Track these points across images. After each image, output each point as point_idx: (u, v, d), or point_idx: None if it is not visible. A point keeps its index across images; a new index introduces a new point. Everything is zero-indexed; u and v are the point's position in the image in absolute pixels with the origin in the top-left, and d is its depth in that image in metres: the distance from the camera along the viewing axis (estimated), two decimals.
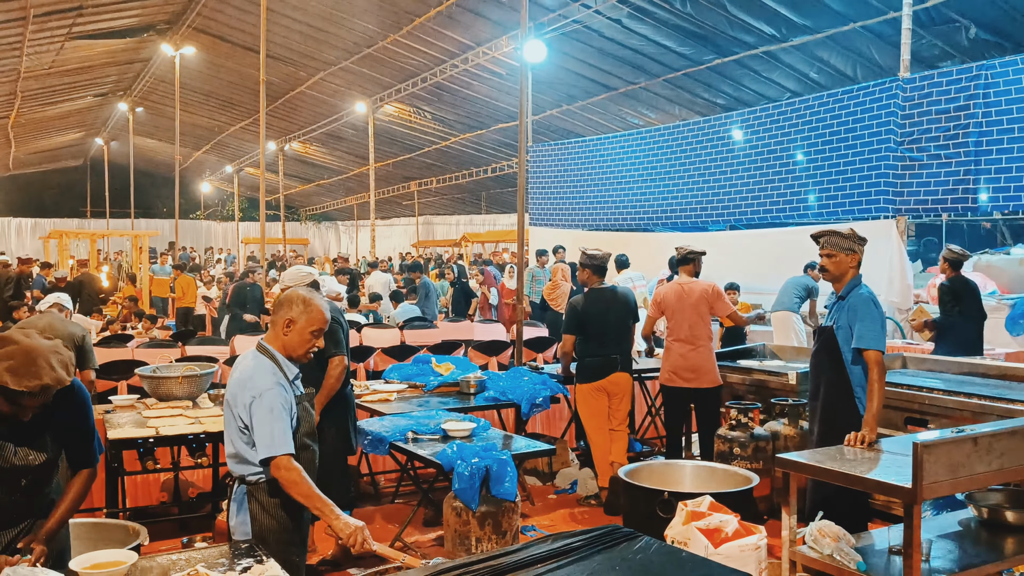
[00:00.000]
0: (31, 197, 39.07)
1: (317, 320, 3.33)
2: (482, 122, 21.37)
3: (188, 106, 22.88)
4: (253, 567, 2.98)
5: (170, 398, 6.05)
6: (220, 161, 34.11)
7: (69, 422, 3.02)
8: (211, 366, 6.39)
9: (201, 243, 37.52)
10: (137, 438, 4.92)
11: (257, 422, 3.20)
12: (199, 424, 5.20)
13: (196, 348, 9.17)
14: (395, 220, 34.52)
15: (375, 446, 5.13)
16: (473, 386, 6.42)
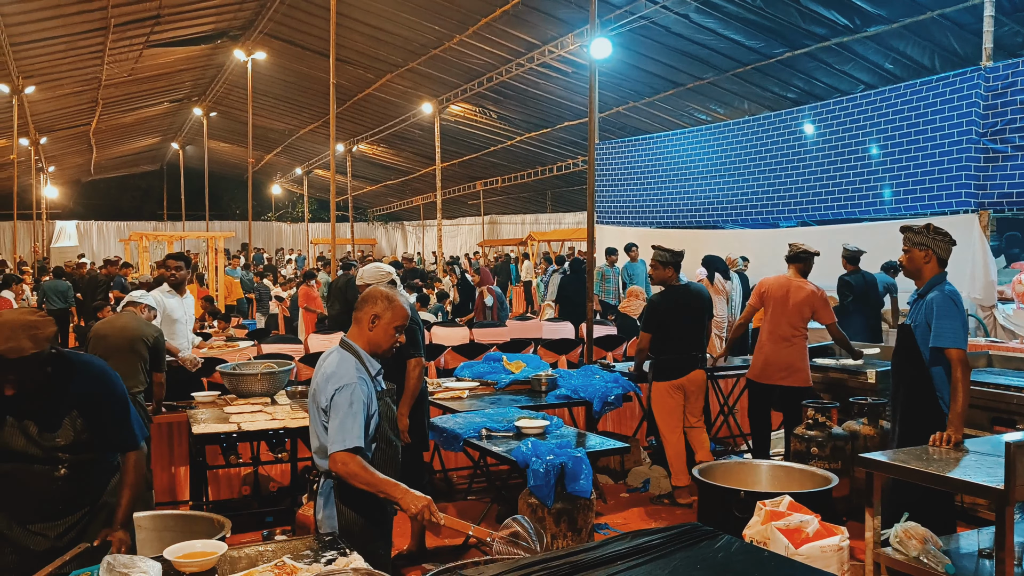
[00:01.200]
0: (111, 201, 40.48)
1: (400, 316, 3.40)
2: (548, 120, 21.37)
3: (259, 110, 23.42)
4: (338, 559, 3.04)
5: (250, 394, 6.20)
6: (290, 163, 34.80)
7: (90, 400, 2.97)
8: (288, 363, 6.53)
9: (272, 244, 38.36)
10: (220, 433, 5.06)
11: (334, 415, 3.26)
12: (278, 420, 5.32)
13: (271, 346, 9.38)
14: (461, 220, 34.75)
15: (449, 443, 5.18)
16: (544, 384, 6.44)
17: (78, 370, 2.96)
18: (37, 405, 2.87)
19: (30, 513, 2.93)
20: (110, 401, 3.04)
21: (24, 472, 2.88)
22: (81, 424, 2.94)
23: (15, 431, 2.85)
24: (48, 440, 2.89)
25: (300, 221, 38.86)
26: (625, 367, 7.21)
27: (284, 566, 3.00)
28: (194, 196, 32.56)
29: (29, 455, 2.87)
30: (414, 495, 3.17)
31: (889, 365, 4.85)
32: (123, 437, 3.10)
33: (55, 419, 2.90)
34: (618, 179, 14.82)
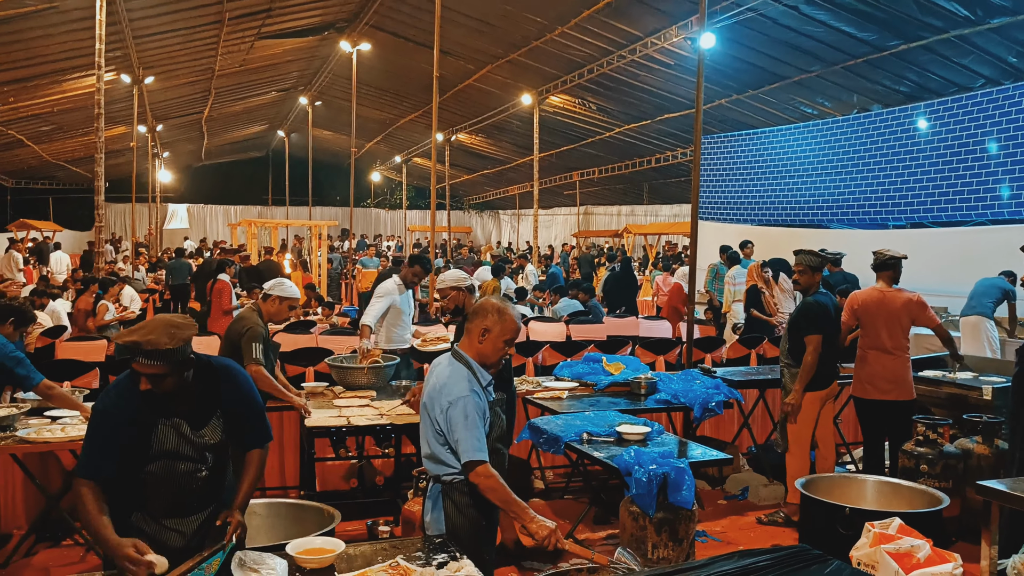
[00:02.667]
0: (219, 185, 42.09)
1: (510, 330, 3.46)
2: (647, 112, 21.15)
3: (362, 99, 23.89)
4: (449, 563, 3.14)
5: (356, 387, 6.41)
6: (389, 151, 35.43)
7: (235, 403, 3.20)
8: (393, 358, 6.70)
9: (371, 230, 39.19)
10: (330, 427, 5.25)
11: (455, 428, 3.35)
12: (386, 416, 5.48)
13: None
14: (556, 210, 34.76)
15: (550, 444, 5.25)
16: (644, 387, 6.44)
17: (221, 375, 3.18)
18: (187, 407, 3.08)
19: (168, 509, 3.13)
20: (249, 403, 3.27)
21: (170, 470, 3.07)
22: (224, 425, 3.16)
23: (169, 431, 3.06)
24: (199, 439, 3.11)
25: (398, 208, 39.57)
26: (725, 371, 7.14)
27: (398, 567, 3.12)
28: (297, 182, 33.55)
29: (180, 454, 3.07)
30: (541, 521, 3.25)
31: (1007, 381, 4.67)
32: (255, 436, 3.32)
33: (203, 420, 3.12)
34: (720, 174, 14.60)
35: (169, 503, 3.12)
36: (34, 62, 16.50)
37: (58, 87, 19.14)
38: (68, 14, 14.15)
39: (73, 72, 18.12)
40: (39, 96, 19.44)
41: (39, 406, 5.71)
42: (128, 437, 2.99)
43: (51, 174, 33.14)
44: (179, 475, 3.09)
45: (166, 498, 3.11)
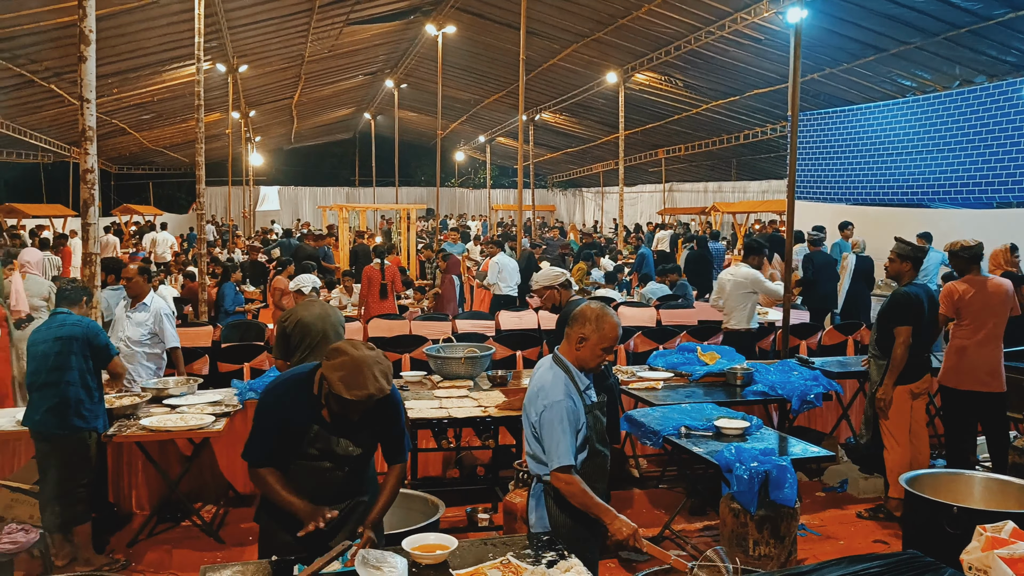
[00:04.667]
0: (308, 167, 43.15)
1: (608, 338, 3.48)
2: (736, 88, 20.72)
3: (447, 81, 24.08)
4: (559, 562, 3.23)
5: (453, 376, 6.55)
6: (473, 131, 35.63)
7: (384, 422, 3.42)
8: (489, 348, 6.82)
9: (455, 209, 39.57)
10: (432, 419, 5.40)
11: (546, 432, 3.45)
12: (485, 409, 5.60)
13: (465, 323, 9.77)
14: (641, 187, 34.42)
15: (647, 437, 5.27)
16: (740, 378, 6.39)
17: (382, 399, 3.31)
18: (346, 425, 3.31)
19: (311, 498, 3.34)
20: (397, 423, 3.48)
21: (314, 467, 3.35)
22: (371, 436, 3.42)
23: (324, 435, 3.32)
24: (344, 448, 3.36)
25: (482, 187, 39.81)
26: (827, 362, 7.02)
27: (509, 564, 3.23)
28: (382, 162, 34.13)
29: (324, 455, 3.34)
30: (623, 521, 3.33)
31: None
32: (396, 451, 3.52)
33: (358, 432, 3.36)
34: (814, 151, 14.23)
35: (312, 493, 3.34)
36: (136, 54, 17.16)
37: (158, 77, 19.87)
38: (168, 7, 14.66)
39: (172, 63, 18.79)
40: (140, 86, 20.23)
41: (159, 395, 6.03)
42: (284, 432, 3.30)
43: (150, 160, 34.48)
44: (322, 471, 3.35)
45: (309, 488, 3.34)
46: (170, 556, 5.45)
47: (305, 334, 6.11)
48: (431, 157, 37.90)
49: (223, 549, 5.57)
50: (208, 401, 5.92)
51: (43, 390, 5.01)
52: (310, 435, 3.29)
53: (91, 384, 5.10)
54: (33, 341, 5.14)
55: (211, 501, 6.21)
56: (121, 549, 5.48)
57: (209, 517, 5.98)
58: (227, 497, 6.26)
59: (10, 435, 5.47)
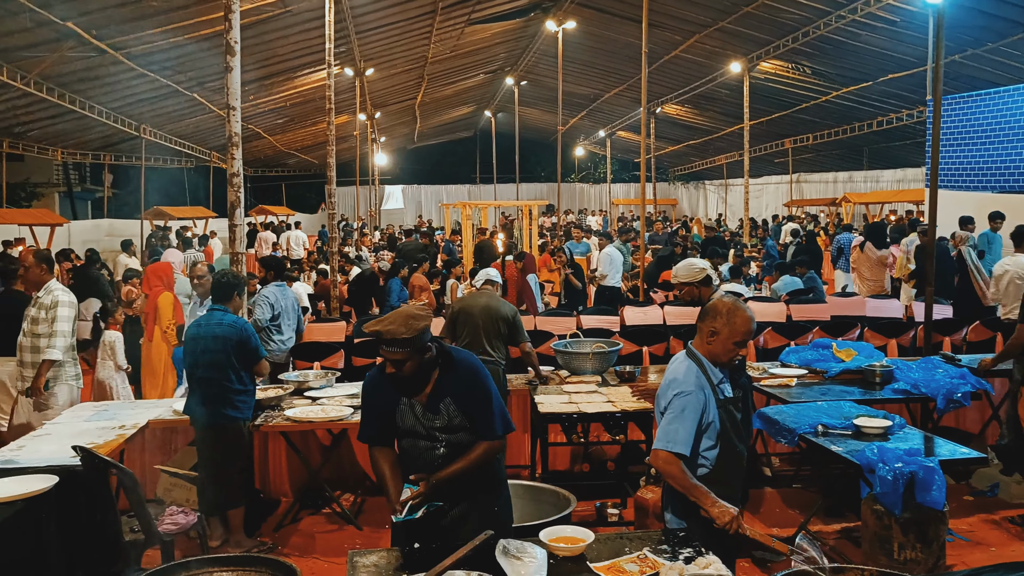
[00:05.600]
0: (430, 166, 44.08)
1: (740, 332, 3.44)
2: (868, 73, 19.86)
3: (567, 76, 24.10)
4: (697, 559, 3.21)
5: (580, 372, 6.60)
6: (593, 126, 35.53)
7: (464, 394, 3.46)
8: (616, 343, 6.82)
9: (575, 204, 39.55)
10: (562, 413, 5.45)
11: (668, 418, 3.45)
12: (615, 404, 5.61)
13: (590, 319, 9.78)
14: (767, 178, 33.48)
15: (782, 435, 5.16)
16: (879, 376, 6.15)
17: (457, 366, 3.48)
18: (421, 391, 3.45)
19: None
20: (479, 395, 3.50)
21: (413, 446, 3.50)
22: (454, 410, 3.46)
23: (407, 411, 3.47)
24: (429, 421, 3.46)
25: (602, 182, 39.65)
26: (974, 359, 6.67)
27: (646, 559, 3.24)
28: (503, 159, 34.48)
29: (416, 432, 3.47)
30: (723, 506, 3.30)
31: None
32: (485, 427, 3.52)
33: (434, 404, 3.46)
34: (956, 137, 13.48)
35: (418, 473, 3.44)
36: (271, 62, 17.95)
37: (290, 83, 20.73)
38: (300, 16, 15.27)
39: (304, 69, 19.57)
40: (275, 92, 21.15)
41: (301, 387, 6.32)
42: (381, 412, 3.51)
43: (283, 162, 35.97)
44: (420, 450, 3.48)
45: (416, 469, 3.46)
46: (313, 541, 5.72)
47: (466, 322, 6.28)
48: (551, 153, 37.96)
49: (361, 535, 5.79)
50: (346, 394, 6.16)
51: (201, 382, 5.34)
52: (400, 411, 3.46)
53: (244, 378, 5.40)
54: (192, 336, 5.48)
55: (349, 489, 6.46)
56: (268, 533, 5.79)
57: (348, 505, 6.22)
58: (364, 486, 6.50)
59: (167, 423, 5.86)
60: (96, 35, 13.10)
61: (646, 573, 3.11)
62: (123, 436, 5.32)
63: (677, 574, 3.06)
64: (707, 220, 31.19)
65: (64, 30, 12.51)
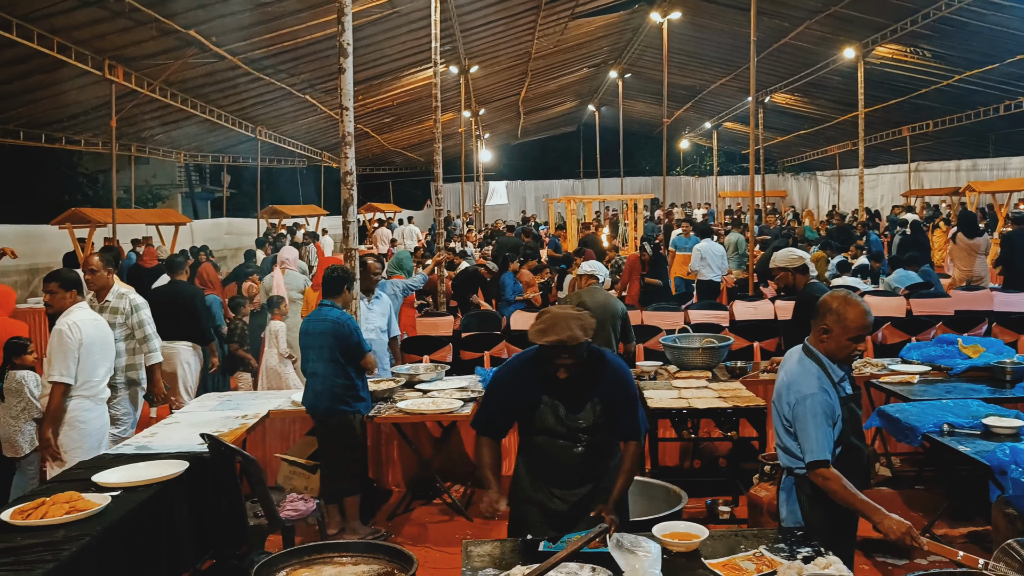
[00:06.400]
0: (533, 161, 44.23)
1: (853, 328, 3.32)
2: (993, 55, 18.79)
3: (672, 67, 23.75)
4: (816, 559, 3.13)
5: (690, 367, 6.51)
6: (699, 118, 34.92)
7: (609, 393, 3.46)
8: (727, 338, 6.71)
9: (680, 198, 38.95)
10: (672, 408, 5.39)
11: (800, 427, 3.34)
12: (726, 400, 5.51)
13: (698, 313, 9.64)
14: (882, 168, 32.14)
15: (904, 434, 4.97)
16: (1010, 373, 5.85)
17: (606, 367, 3.48)
18: (568, 390, 3.43)
19: (552, 479, 3.52)
20: (626, 398, 3.52)
21: (550, 445, 3.48)
22: (600, 411, 3.45)
23: (548, 410, 3.45)
24: (572, 421, 3.44)
25: (708, 174, 38.94)
26: None
27: (762, 557, 3.17)
28: (606, 153, 34.27)
29: (556, 432, 3.46)
30: (893, 520, 3.14)
31: None
32: (629, 428, 3.54)
33: (581, 404, 3.44)
34: None
35: (552, 474, 3.50)
36: (380, 62, 18.35)
37: (398, 82, 21.14)
38: (407, 16, 15.55)
39: (410, 68, 19.92)
40: (382, 92, 21.61)
41: (411, 380, 6.46)
42: (516, 409, 3.50)
43: (390, 160, 36.73)
44: (557, 449, 3.47)
45: (549, 469, 3.50)
46: (425, 530, 5.84)
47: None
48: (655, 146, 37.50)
49: (472, 527, 5.88)
50: (456, 387, 6.26)
51: (313, 376, 5.52)
52: (539, 409, 3.44)
53: (352, 373, 5.54)
54: (304, 331, 5.67)
55: (459, 481, 6.57)
56: (381, 522, 5.94)
57: (458, 496, 6.33)
58: (473, 477, 6.59)
59: (286, 414, 6.10)
60: (215, 41, 13.67)
61: (762, 571, 3.05)
62: (246, 425, 5.56)
63: (796, 573, 2.99)
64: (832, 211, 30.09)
65: (187, 38, 13.10)
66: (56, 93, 14.50)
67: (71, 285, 5.11)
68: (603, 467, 3.55)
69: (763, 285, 12.26)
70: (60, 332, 4.90)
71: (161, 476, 4.15)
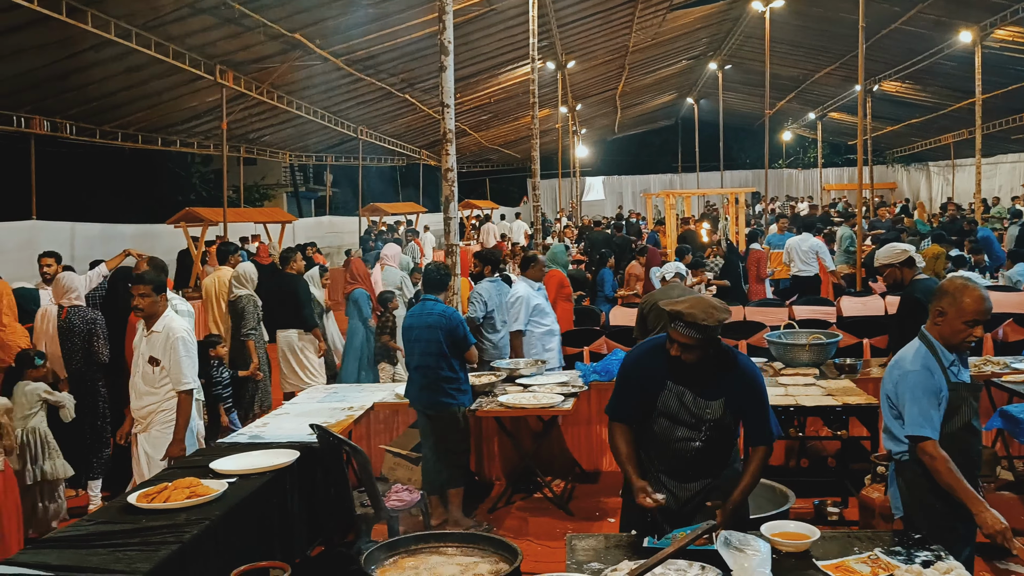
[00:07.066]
0: (629, 156, 43.83)
1: (969, 312, 3.28)
2: None
3: (773, 57, 23.17)
4: (935, 563, 3.00)
5: (795, 364, 6.34)
6: (801, 109, 33.95)
7: (740, 391, 3.41)
8: (835, 335, 6.51)
9: (782, 191, 37.93)
10: (778, 406, 5.26)
11: (902, 402, 3.31)
12: (835, 397, 5.35)
13: (803, 309, 9.37)
14: (999, 157, 30.52)
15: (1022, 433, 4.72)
16: None
17: (736, 365, 3.44)
18: (695, 378, 3.40)
19: (667, 470, 3.50)
20: (758, 399, 3.48)
21: (669, 432, 3.45)
22: (728, 407, 3.41)
23: (672, 395, 3.43)
24: (699, 409, 3.41)
25: (811, 167, 37.82)
26: None
27: (878, 560, 3.07)
28: (704, 147, 33.66)
29: (678, 419, 3.43)
30: (992, 515, 3.09)
31: None
32: (761, 430, 3.50)
33: (709, 394, 3.40)
34: None
35: (668, 464, 3.47)
36: (477, 60, 18.53)
37: (494, 80, 21.29)
38: (505, 13, 15.65)
39: (507, 65, 20.04)
40: (480, 89, 21.81)
41: (512, 375, 6.50)
42: (642, 392, 3.48)
43: (486, 157, 37.04)
44: (676, 438, 3.44)
45: (666, 458, 3.47)
46: (526, 524, 5.87)
47: (660, 317, 6.22)
48: (755, 139, 36.63)
49: (572, 521, 5.87)
50: (557, 382, 6.27)
51: (417, 370, 5.62)
52: (663, 393, 3.41)
53: (455, 366, 5.62)
54: (408, 325, 5.78)
55: (559, 476, 6.56)
56: (483, 514, 6.00)
57: (559, 491, 6.33)
58: (574, 473, 6.59)
59: (390, 406, 6.22)
60: (319, 44, 14.06)
61: (878, 575, 2.95)
62: (352, 417, 5.70)
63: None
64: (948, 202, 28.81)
65: (292, 41, 13.52)
66: (171, 98, 15.19)
67: (161, 288, 5.10)
68: (718, 467, 3.51)
69: (872, 280, 11.82)
70: (183, 340, 4.94)
71: (274, 464, 4.29)
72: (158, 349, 4.93)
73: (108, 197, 24.31)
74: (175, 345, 4.91)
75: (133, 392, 5.07)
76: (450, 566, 3.12)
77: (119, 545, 3.32)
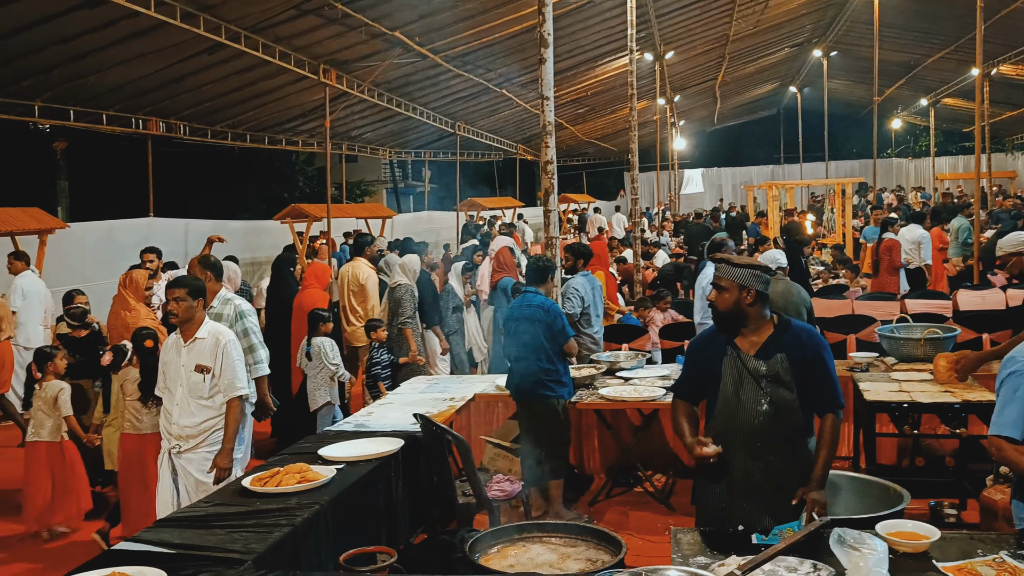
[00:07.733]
0: (729, 148, 42.92)
1: None
2: None
3: (882, 43, 22.29)
4: None
5: (910, 359, 6.09)
6: (912, 95, 32.54)
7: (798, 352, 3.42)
8: (953, 329, 6.23)
9: (891, 182, 36.48)
10: (891, 402, 5.07)
11: (1001, 397, 3.16)
12: (953, 394, 5.11)
13: (916, 303, 8.99)
14: None
15: None
16: None
17: (791, 327, 3.49)
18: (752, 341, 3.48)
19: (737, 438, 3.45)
20: (819, 362, 3.45)
21: (735, 400, 3.44)
22: (786, 367, 3.40)
23: (732, 361, 3.48)
24: (756, 366, 3.42)
25: (923, 156, 36.25)
26: None
27: (1004, 564, 2.92)
28: (809, 137, 32.68)
29: (740, 381, 3.44)
30: None
31: None
32: (827, 397, 3.45)
33: (763, 355, 3.44)
34: None
35: (737, 433, 3.43)
36: (573, 53, 18.46)
37: (591, 72, 21.17)
38: (602, 5, 15.54)
39: (604, 57, 19.89)
40: (577, 82, 21.73)
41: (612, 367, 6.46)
42: (705, 365, 3.55)
43: (583, 151, 36.90)
44: (741, 403, 3.42)
45: (734, 430, 3.44)
46: (627, 517, 5.83)
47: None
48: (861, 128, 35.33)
49: (672, 516, 5.80)
50: (657, 375, 6.20)
51: (516, 362, 5.65)
52: (725, 360, 3.46)
53: (553, 358, 5.62)
54: (507, 317, 5.82)
55: (659, 470, 6.49)
56: (583, 507, 5.99)
57: (659, 485, 6.26)
58: (675, 468, 6.50)
59: (490, 398, 6.28)
60: (419, 41, 14.25)
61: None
62: (453, 407, 5.78)
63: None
64: None
65: (392, 39, 13.74)
66: (278, 98, 15.67)
67: (199, 293, 4.76)
68: (789, 434, 3.45)
69: (990, 273, 11.25)
70: (234, 343, 4.80)
71: (380, 452, 4.39)
72: (207, 356, 4.68)
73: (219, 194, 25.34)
74: (227, 349, 4.69)
75: (177, 409, 4.67)
76: (554, 556, 3.13)
77: (235, 526, 3.46)
